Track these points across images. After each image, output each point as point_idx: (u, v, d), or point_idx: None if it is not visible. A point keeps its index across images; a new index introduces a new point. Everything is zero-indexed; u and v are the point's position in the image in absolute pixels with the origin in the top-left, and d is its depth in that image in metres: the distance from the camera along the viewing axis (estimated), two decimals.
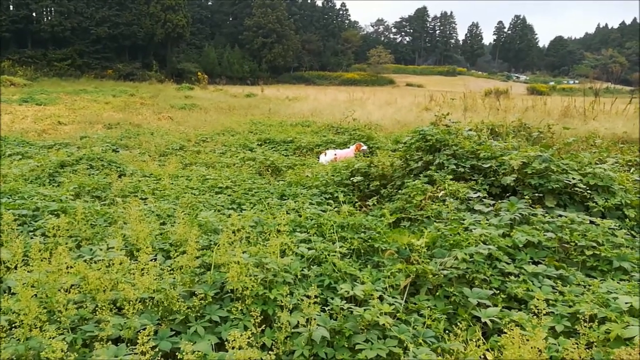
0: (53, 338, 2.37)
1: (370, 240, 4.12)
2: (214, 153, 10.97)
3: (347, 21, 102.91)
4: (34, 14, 56.08)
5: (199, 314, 2.84)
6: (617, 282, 3.61)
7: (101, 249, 3.63)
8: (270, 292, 3.01)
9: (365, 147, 10.11)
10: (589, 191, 4.87)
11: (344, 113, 15.88)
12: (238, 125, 17.00)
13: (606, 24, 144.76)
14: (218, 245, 3.30)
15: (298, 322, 2.81)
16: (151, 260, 3.46)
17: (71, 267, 3.11)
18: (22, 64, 51.39)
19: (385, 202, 6.20)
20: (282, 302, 2.81)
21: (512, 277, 3.60)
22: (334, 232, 4.29)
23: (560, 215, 4.51)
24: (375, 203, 6.33)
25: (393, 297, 3.27)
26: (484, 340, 2.88)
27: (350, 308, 2.93)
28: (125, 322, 2.61)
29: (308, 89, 52.33)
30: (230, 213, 5.38)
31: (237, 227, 4.32)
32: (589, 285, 3.60)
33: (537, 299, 3.41)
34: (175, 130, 15.96)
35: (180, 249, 3.73)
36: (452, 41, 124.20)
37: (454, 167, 5.63)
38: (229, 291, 3.03)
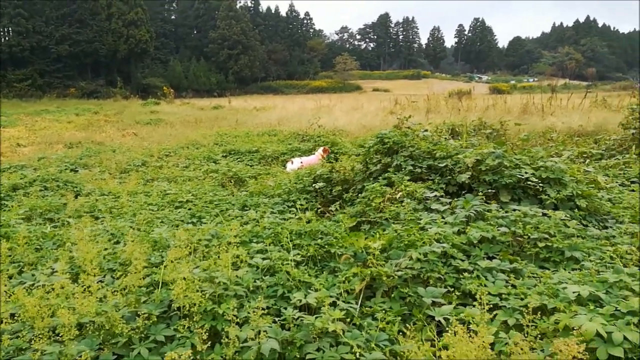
0: None
1: (327, 246, 4.08)
2: (177, 167, 10.79)
3: (311, 30, 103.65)
4: None
5: (143, 335, 2.74)
6: (569, 272, 3.66)
7: (44, 274, 3.48)
8: (219, 306, 2.93)
9: (316, 154, 10.13)
10: (541, 184, 4.96)
11: (309, 120, 15.84)
12: (203, 137, 16.81)
13: (561, 23, 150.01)
14: (165, 263, 3.20)
15: (247, 336, 2.74)
16: (98, 281, 3.35)
17: (11, 294, 2.97)
18: None
19: (348, 206, 6.18)
20: (231, 316, 2.74)
21: (467, 274, 3.61)
22: (290, 241, 4.24)
23: (514, 210, 4.57)
24: (338, 208, 6.32)
25: (347, 302, 3.24)
26: (439, 339, 2.87)
27: (301, 317, 2.87)
28: (61, 350, 2.49)
29: (276, 99, 52.34)
30: (189, 227, 5.29)
31: (189, 241, 4.24)
32: (541, 277, 3.65)
33: (491, 294, 3.47)
34: (139, 146, 15.66)
35: (128, 268, 3.62)
36: (415, 45, 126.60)
37: (411, 168, 5.67)
38: (177, 309, 2.94)
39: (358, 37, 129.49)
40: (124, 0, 59.75)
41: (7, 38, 55.40)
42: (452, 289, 3.49)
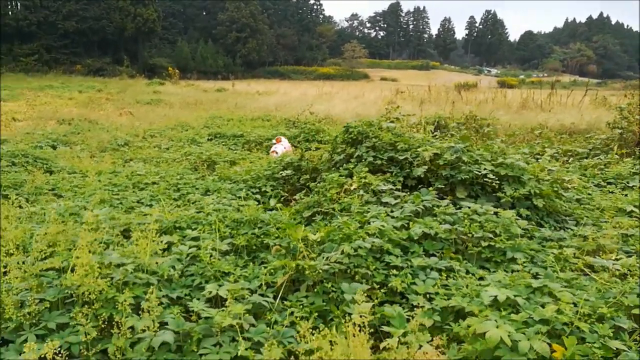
0: None
1: (262, 236, 3.98)
2: (157, 148, 10.71)
3: (321, 16, 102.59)
4: None
5: (34, 321, 2.66)
6: (504, 274, 3.54)
7: None
8: (121, 294, 2.84)
9: (283, 141, 9.88)
10: (497, 182, 4.81)
11: (298, 107, 15.67)
12: (195, 120, 16.71)
13: (574, 19, 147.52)
14: (77, 246, 3.11)
15: (144, 326, 2.65)
16: (18, 262, 3.27)
17: None
18: None
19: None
20: (125, 306, 2.64)
21: (397, 271, 3.50)
22: (230, 229, 4.14)
23: (464, 207, 4.44)
24: (303, 197, 6.21)
25: (264, 296, 3.13)
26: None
27: (203, 310, 2.78)
28: None
29: (281, 84, 51.96)
30: (142, 210, 5.21)
31: (126, 225, 4.15)
32: (481, 278, 3.54)
33: (417, 293, 3.36)
34: (130, 126, 15.57)
35: (56, 248, 3.53)
36: (426, 36, 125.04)
37: (372, 159, 5.53)
38: (77, 296, 2.85)
39: (368, 25, 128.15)
40: None
41: (14, 12, 55.18)
42: (379, 286, 3.39)
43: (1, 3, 46.94)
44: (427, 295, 3.30)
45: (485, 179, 4.86)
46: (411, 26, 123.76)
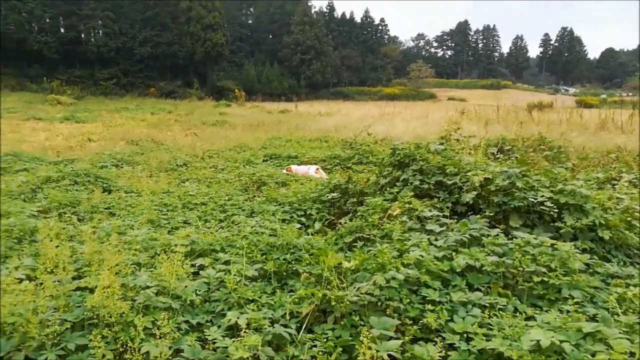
0: None
1: (294, 262, 3.84)
2: (214, 169, 10.95)
3: (386, 36, 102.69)
4: (82, 35, 59.14)
5: (56, 341, 2.66)
6: (557, 314, 3.15)
7: (7, 267, 3.53)
8: (141, 319, 2.79)
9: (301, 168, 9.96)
10: (555, 210, 4.38)
11: (358, 128, 15.55)
12: (254, 141, 17.03)
13: None
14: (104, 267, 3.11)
15: (160, 352, 2.57)
16: (54, 281, 3.33)
17: None
18: (70, 83, 54.02)
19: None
20: (139, 331, 2.59)
21: (432, 306, 3.22)
22: (263, 253, 4.03)
23: (516, 237, 4.06)
24: (348, 221, 6.03)
25: (286, 327, 2.97)
26: None
27: (215, 340, 2.66)
28: None
29: (344, 105, 52.26)
30: (185, 231, 5.24)
31: (161, 246, 4.16)
32: (529, 318, 3.19)
33: (455, 332, 3.06)
34: (192, 147, 16.14)
35: (91, 268, 3.58)
36: (496, 54, 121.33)
37: (418, 183, 5.26)
38: (98, 317, 2.84)
39: (435, 44, 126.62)
40: (203, 4, 62.46)
41: (96, 39, 59.74)
42: (412, 322, 3.13)
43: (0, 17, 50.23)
44: (465, 335, 3.00)
45: (542, 207, 4.45)
46: (480, 44, 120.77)
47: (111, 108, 39.72)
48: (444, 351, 2.93)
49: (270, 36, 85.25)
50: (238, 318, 2.89)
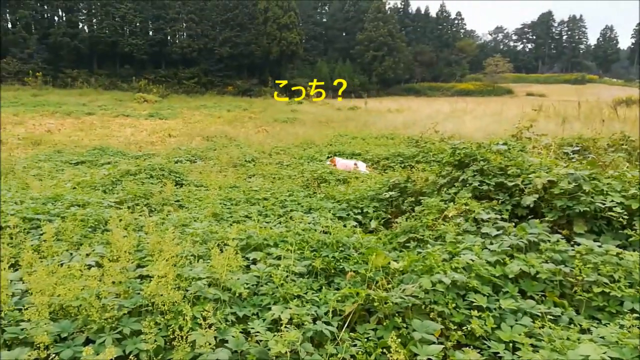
0: None
1: (341, 261, 3.88)
2: (280, 165, 11.24)
3: (462, 30, 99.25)
4: (168, 37, 62.83)
5: (113, 325, 2.90)
6: (617, 328, 2.96)
7: (80, 255, 3.89)
8: (192, 308, 2.97)
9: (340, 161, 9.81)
10: (625, 216, 4.08)
11: (426, 125, 15.24)
12: (321, 138, 17.23)
13: None
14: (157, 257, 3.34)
15: (206, 342, 2.73)
16: (120, 268, 3.62)
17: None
18: (156, 82, 57.56)
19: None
20: (188, 319, 2.76)
21: (479, 312, 3.13)
22: (313, 250, 4.12)
23: (578, 244, 3.83)
24: (405, 220, 5.97)
25: (328, 324, 3.03)
26: None
27: (257, 333, 2.77)
28: (43, 327, 2.74)
29: (414, 101, 51.37)
30: (245, 225, 5.46)
31: (220, 239, 4.37)
32: (585, 331, 3.02)
33: (500, 341, 2.97)
34: (261, 143, 16.65)
35: (154, 257, 3.85)
36: (582, 47, 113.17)
37: (478, 184, 5.09)
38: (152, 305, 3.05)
39: (514, 37, 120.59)
40: (279, 4, 63.92)
41: (180, 40, 63.15)
42: (456, 327, 3.07)
43: (0, 15, 52.43)
44: (512, 344, 2.90)
45: (610, 213, 4.16)
46: (565, 37, 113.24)
47: (192, 105, 41.85)
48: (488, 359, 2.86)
49: (344, 34, 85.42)
50: (282, 312, 2.99)
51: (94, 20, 59.43)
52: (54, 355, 2.56)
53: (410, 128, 21.20)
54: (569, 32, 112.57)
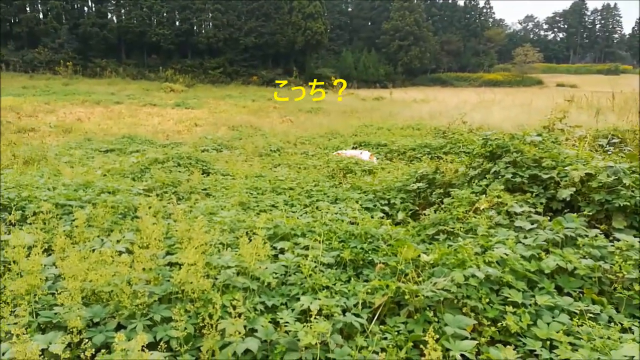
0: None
1: (370, 252, 3.82)
2: (305, 155, 11.20)
3: (490, 19, 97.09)
4: (194, 27, 63.27)
5: (144, 312, 2.91)
6: None
7: (111, 241, 3.93)
8: (221, 296, 2.96)
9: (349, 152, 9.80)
10: None
11: (453, 116, 14.97)
12: (346, 128, 17.12)
13: None
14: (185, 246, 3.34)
15: (237, 331, 2.71)
16: (150, 255, 3.64)
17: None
18: (182, 72, 58.17)
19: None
20: (218, 307, 2.74)
21: (514, 308, 3.04)
22: (341, 241, 4.07)
23: (618, 240, 3.68)
24: (433, 212, 5.87)
25: (357, 316, 2.98)
26: None
27: (286, 323, 2.75)
28: (75, 311, 2.77)
29: (440, 91, 50.60)
30: (271, 214, 5.44)
31: (247, 228, 4.36)
32: (626, 330, 2.90)
33: (537, 338, 2.88)
34: (287, 133, 16.64)
35: (182, 245, 3.86)
36: (616, 36, 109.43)
37: (510, 176, 4.95)
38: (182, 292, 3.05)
39: (545, 26, 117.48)
40: None
41: (206, 30, 63.54)
42: (490, 323, 2.99)
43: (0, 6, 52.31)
44: (549, 342, 2.80)
45: None
46: (598, 26, 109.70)
47: (217, 95, 42.15)
48: (523, 357, 2.78)
49: (369, 23, 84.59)
50: (311, 303, 2.96)
51: (122, 11, 60.21)
52: (87, 340, 2.58)
53: (436, 119, 20.87)
54: (603, 21, 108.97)
